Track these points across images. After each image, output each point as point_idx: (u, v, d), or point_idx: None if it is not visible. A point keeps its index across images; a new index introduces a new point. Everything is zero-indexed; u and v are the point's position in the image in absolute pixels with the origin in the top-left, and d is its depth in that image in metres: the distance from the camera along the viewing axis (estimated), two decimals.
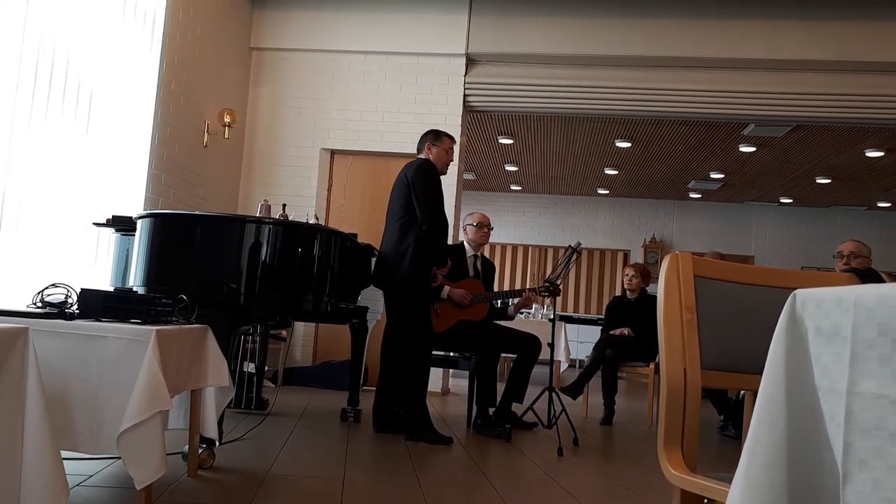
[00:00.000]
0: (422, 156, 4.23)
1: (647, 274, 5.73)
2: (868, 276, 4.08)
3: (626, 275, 5.74)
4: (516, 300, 4.92)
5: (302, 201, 6.22)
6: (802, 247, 12.61)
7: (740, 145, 8.80)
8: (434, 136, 4.27)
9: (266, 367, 4.98)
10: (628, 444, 4.59)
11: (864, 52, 6.05)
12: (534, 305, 7.90)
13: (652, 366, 5.32)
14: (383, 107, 6.47)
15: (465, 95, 6.46)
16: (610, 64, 6.41)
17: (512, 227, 13.06)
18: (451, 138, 4.36)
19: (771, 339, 1.02)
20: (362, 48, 6.50)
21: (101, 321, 2.32)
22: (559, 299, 4.42)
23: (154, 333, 2.20)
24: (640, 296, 5.67)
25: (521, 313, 7.26)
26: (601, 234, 13.05)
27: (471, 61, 6.50)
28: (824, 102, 6.32)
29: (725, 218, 12.76)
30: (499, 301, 4.82)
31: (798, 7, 6.09)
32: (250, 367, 4.62)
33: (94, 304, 2.38)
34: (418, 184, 4.03)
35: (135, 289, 3.25)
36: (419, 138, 4.33)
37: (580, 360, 9.74)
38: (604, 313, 6.19)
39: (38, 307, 2.39)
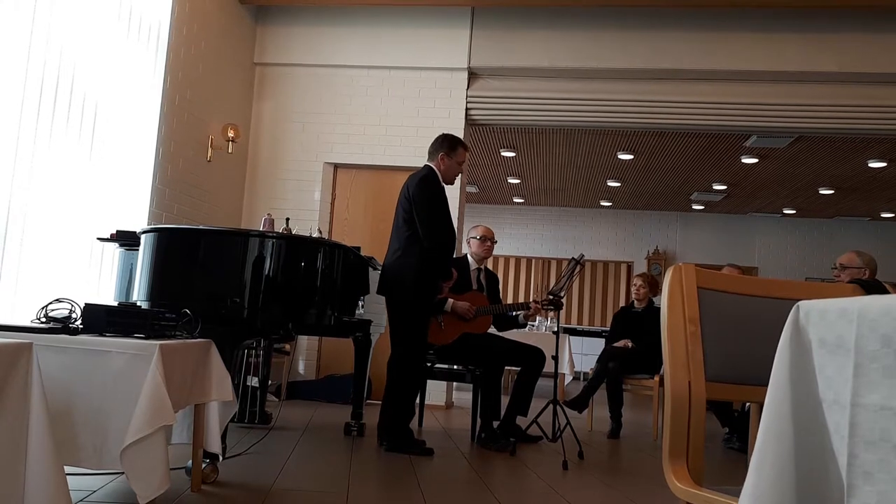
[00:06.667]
0: (431, 164, 4.19)
1: (655, 284, 5.71)
2: (873, 287, 4.07)
3: (635, 284, 5.73)
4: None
5: (305, 215, 6.25)
6: (806, 258, 12.59)
7: (742, 157, 8.81)
8: (449, 147, 4.18)
9: (269, 381, 4.97)
10: (633, 458, 4.56)
11: (866, 63, 6.07)
12: (537, 318, 7.89)
13: (656, 378, 5.30)
14: (386, 121, 6.50)
15: (467, 109, 6.48)
16: (611, 77, 6.44)
17: (515, 240, 13.07)
18: (466, 148, 4.31)
19: (775, 350, 1.02)
20: (365, 63, 6.54)
21: (104, 336, 2.32)
22: (563, 311, 4.40)
23: (158, 348, 2.20)
24: (646, 306, 5.66)
25: (526, 325, 7.24)
26: (604, 246, 13.05)
27: (473, 75, 6.53)
28: (826, 113, 6.33)
29: (729, 229, 12.75)
30: (513, 312, 4.81)
31: (799, 19, 6.11)
32: (254, 382, 4.62)
33: (98, 319, 2.38)
34: (419, 201, 4.00)
35: (138, 303, 3.26)
36: (433, 141, 4.26)
37: (584, 373, 9.70)
38: (609, 324, 6.19)
39: (42, 322, 2.40)
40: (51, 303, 2.45)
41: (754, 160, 8.92)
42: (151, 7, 4.91)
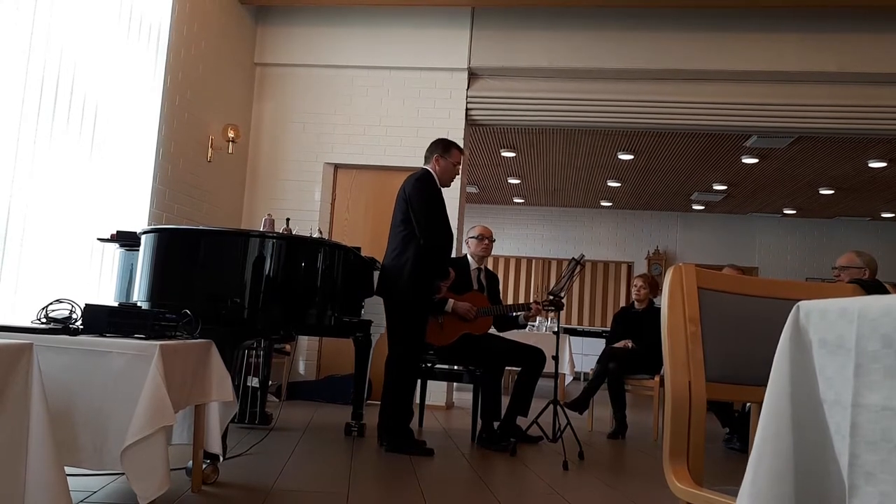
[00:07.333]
0: (427, 167, 4.23)
1: (655, 285, 5.71)
2: (873, 287, 4.07)
3: (635, 285, 5.73)
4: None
5: (306, 215, 6.25)
6: (806, 258, 12.59)
7: (743, 157, 8.81)
8: (443, 149, 4.25)
9: (270, 382, 4.97)
10: (634, 458, 4.56)
11: (866, 63, 6.07)
12: (538, 318, 7.89)
13: (657, 378, 5.30)
14: (386, 121, 6.50)
15: (467, 109, 6.48)
16: (611, 77, 6.44)
17: (515, 240, 13.07)
18: (461, 150, 4.36)
19: (775, 351, 1.02)
20: (365, 63, 6.55)
21: (105, 336, 2.32)
22: (563, 312, 4.43)
23: (158, 348, 2.20)
24: (647, 307, 5.65)
25: (526, 326, 7.26)
26: (604, 247, 13.05)
27: (473, 75, 6.53)
28: (826, 114, 6.33)
29: (729, 229, 12.75)
30: (513, 313, 4.82)
31: (798, 19, 6.12)
32: (254, 382, 4.62)
33: (99, 320, 2.38)
34: (415, 199, 4.03)
35: (139, 304, 3.26)
36: (429, 146, 4.32)
37: (585, 374, 9.70)
38: (610, 324, 6.19)
39: (43, 323, 2.40)
40: (51, 303, 2.45)
41: (754, 160, 8.92)
42: (151, 7, 4.91)
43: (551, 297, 4.42)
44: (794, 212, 12.16)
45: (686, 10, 6.20)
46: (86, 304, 2.44)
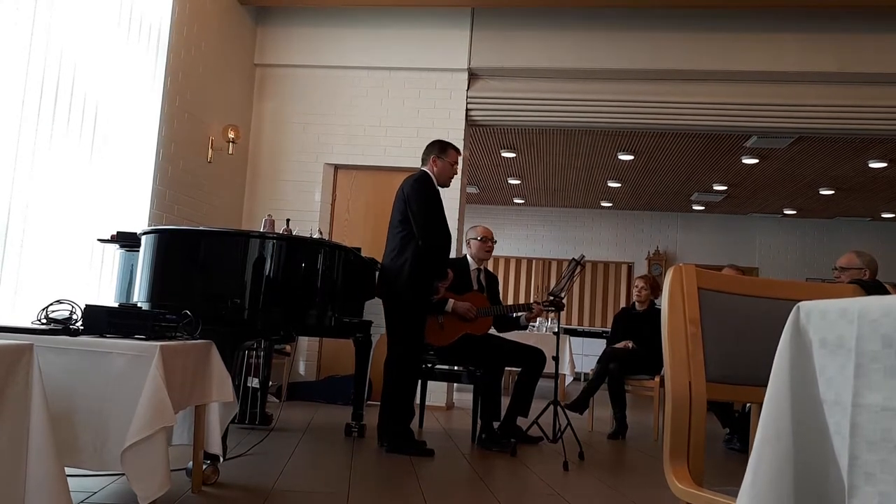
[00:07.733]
0: (425, 168, 4.24)
1: (657, 286, 5.71)
2: (874, 288, 4.07)
3: (637, 286, 5.73)
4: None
5: (306, 216, 6.25)
6: (806, 258, 12.59)
7: (743, 157, 8.81)
8: (440, 149, 4.27)
9: (270, 383, 4.97)
10: (634, 458, 4.56)
11: (866, 63, 6.07)
12: (538, 318, 7.89)
13: (657, 379, 5.30)
14: (386, 122, 6.50)
15: (467, 110, 6.48)
16: (612, 77, 6.44)
17: (515, 240, 13.07)
18: (458, 151, 4.37)
19: (775, 351, 1.02)
20: (365, 64, 6.55)
21: (105, 337, 2.32)
22: (563, 312, 4.45)
23: (158, 349, 2.20)
24: (648, 308, 5.65)
25: (527, 327, 7.25)
26: (605, 247, 13.05)
27: (473, 76, 6.53)
28: (826, 114, 6.33)
29: (729, 230, 12.75)
30: (514, 313, 4.82)
31: (798, 19, 6.12)
32: (254, 383, 4.62)
33: (99, 320, 2.39)
34: (414, 200, 4.05)
35: (139, 304, 3.26)
36: (425, 147, 4.34)
37: (585, 374, 9.70)
38: (610, 325, 6.18)
39: (43, 323, 2.40)
40: (51, 304, 2.45)
41: (754, 160, 8.92)
42: (152, 8, 4.91)
43: (551, 298, 4.42)
44: (794, 212, 12.15)
45: (686, 10, 6.20)
46: (86, 305, 2.44)
